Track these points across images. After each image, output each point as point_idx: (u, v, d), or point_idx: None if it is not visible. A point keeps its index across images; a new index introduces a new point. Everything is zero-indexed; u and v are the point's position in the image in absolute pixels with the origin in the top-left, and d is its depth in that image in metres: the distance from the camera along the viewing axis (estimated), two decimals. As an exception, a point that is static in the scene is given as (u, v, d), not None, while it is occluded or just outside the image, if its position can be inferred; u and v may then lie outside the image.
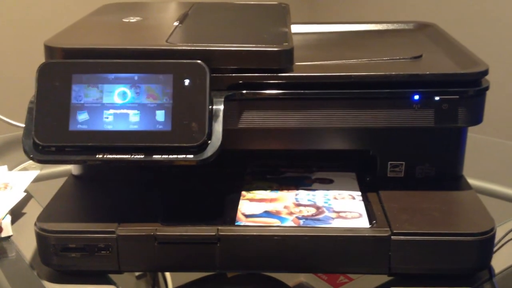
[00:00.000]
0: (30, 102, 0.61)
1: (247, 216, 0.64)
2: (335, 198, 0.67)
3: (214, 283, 0.70)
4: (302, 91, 0.64)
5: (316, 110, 0.64)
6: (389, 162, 0.70)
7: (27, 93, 0.64)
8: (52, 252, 0.61)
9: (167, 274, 1.26)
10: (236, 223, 0.63)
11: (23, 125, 0.61)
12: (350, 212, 0.64)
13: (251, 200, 0.68)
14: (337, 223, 0.62)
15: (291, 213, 0.64)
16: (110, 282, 0.63)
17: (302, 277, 0.76)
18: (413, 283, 0.62)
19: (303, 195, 0.68)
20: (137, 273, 1.30)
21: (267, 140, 0.70)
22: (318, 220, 0.63)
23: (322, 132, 0.69)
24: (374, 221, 0.62)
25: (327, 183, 0.71)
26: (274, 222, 0.63)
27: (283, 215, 0.64)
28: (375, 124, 0.65)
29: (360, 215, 0.64)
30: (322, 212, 0.64)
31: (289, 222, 0.62)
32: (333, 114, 0.65)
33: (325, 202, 0.67)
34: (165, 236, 0.61)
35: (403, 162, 0.69)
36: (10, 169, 0.90)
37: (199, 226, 0.61)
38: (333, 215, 0.64)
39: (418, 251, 0.59)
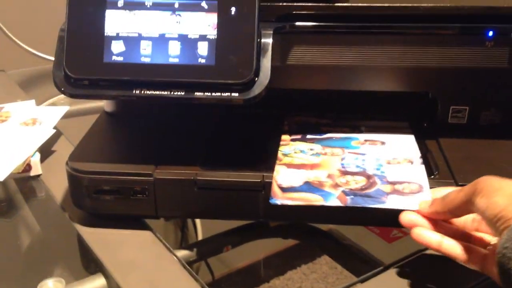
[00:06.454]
0: (60, 30, 0.55)
1: (284, 190, 0.54)
2: (389, 163, 0.57)
3: (255, 231, 0.66)
4: (360, 24, 0.57)
5: (375, 46, 0.58)
6: (452, 107, 0.63)
7: (56, 21, 0.58)
8: (85, 194, 0.57)
9: (197, 219, 1.23)
10: (270, 200, 0.53)
11: (52, 58, 0.55)
12: (408, 183, 0.54)
13: (288, 165, 0.58)
14: (391, 202, 0.51)
15: (336, 185, 0.54)
16: (146, 227, 0.59)
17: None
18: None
19: (351, 159, 0.59)
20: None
21: (316, 79, 0.63)
22: (369, 197, 0.52)
23: (379, 71, 0.62)
24: (436, 172, 0.56)
25: (377, 144, 0.62)
26: (316, 199, 0.52)
27: (326, 188, 0.54)
28: (441, 63, 0.58)
29: (421, 188, 0.53)
30: (374, 184, 0.55)
31: (334, 200, 0.52)
32: (393, 51, 0.58)
33: (377, 169, 0.57)
34: (205, 181, 0.56)
35: (467, 107, 0.63)
36: (38, 104, 0.85)
37: (242, 171, 0.56)
38: (387, 188, 0.53)
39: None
